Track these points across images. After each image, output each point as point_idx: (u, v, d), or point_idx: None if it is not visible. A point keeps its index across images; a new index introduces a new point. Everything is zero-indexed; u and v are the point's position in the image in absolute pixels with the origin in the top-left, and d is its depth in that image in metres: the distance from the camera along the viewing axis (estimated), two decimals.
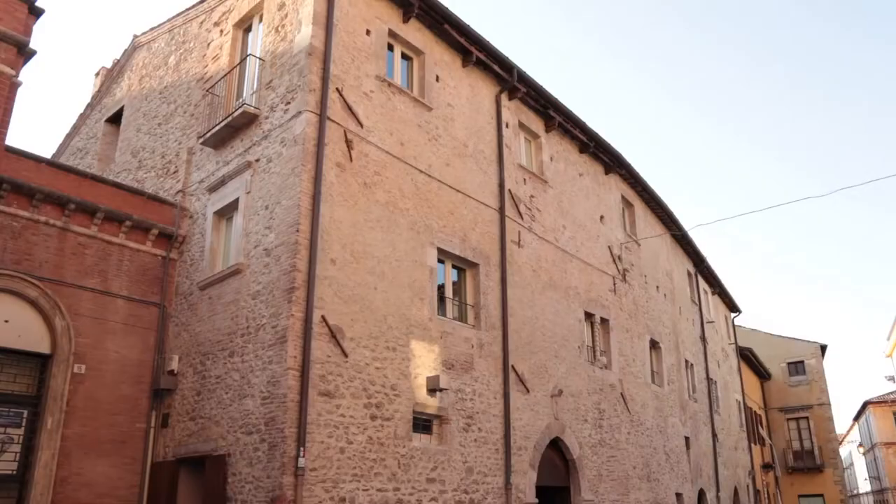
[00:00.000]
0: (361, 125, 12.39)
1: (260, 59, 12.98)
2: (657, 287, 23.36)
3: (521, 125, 17.23)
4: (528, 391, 14.94)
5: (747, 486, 32.07)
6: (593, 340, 18.49)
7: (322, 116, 11.60)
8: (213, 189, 13.18)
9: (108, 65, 19.04)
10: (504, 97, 16.51)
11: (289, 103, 11.86)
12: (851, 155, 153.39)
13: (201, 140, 13.45)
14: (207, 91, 13.90)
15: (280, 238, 11.18)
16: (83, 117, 19.21)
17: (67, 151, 19.29)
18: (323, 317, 10.84)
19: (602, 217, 20.01)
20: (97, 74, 19.46)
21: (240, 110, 12.50)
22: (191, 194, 13.97)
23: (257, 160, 12.25)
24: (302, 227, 10.90)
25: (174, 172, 14.66)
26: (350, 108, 12.21)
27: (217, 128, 12.97)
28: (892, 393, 64.36)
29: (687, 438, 23.54)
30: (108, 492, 12.01)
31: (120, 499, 12.16)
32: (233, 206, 12.69)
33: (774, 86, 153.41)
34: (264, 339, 10.90)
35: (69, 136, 19.47)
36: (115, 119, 17.94)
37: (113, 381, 12.48)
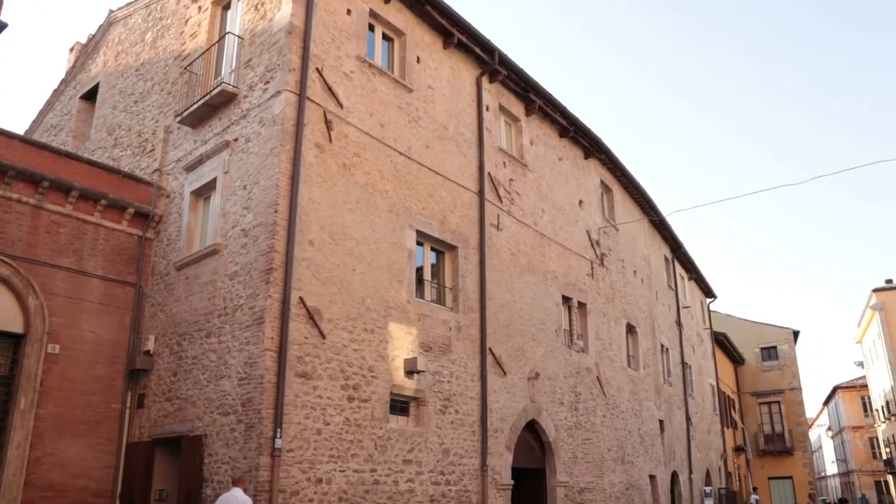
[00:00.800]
0: (341, 106, 12.31)
1: (239, 37, 12.82)
2: (634, 272, 23.54)
3: (502, 108, 17.21)
4: (505, 374, 15.03)
5: (719, 468, 32.61)
6: (570, 324, 18.62)
7: (301, 96, 11.50)
8: (190, 168, 13.05)
9: (83, 40, 18.71)
10: (485, 80, 16.46)
11: (268, 83, 11.74)
12: (832, 141, 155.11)
13: (179, 119, 13.29)
14: (185, 69, 13.72)
15: (258, 219, 11.11)
16: (57, 93, 18.88)
17: (41, 128, 18.96)
18: (301, 298, 10.81)
19: (581, 201, 20.09)
20: (71, 50, 19.11)
21: (218, 89, 12.36)
22: (168, 173, 13.81)
23: (235, 140, 12.13)
24: (280, 207, 10.84)
25: (151, 151, 14.48)
26: (330, 89, 12.12)
27: (195, 106, 12.82)
28: (860, 378, 65.64)
29: (661, 421, 23.85)
30: (82, 472, 11.94)
31: (94, 479, 12.09)
32: (210, 186, 12.57)
33: (757, 73, 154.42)
34: (241, 320, 10.86)
35: (43, 113, 19.13)
36: (91, 96, 17.65)
37: (88, 361, 12.37)
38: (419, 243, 13.69)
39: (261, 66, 12.04)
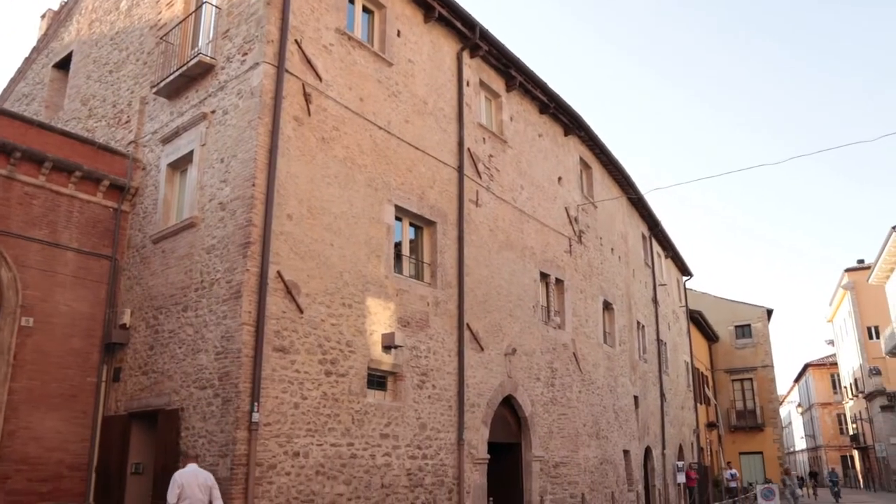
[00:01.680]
0: (320, 79, 12.19)
1: (216, 6, 12.61)
2: (612, 249, 23.70)
3: (482, 84, 17.14)
4: (482, 349, 15.12)
5: (692, 443, 33.16)
6: (548, 300, 18.73)
7: (280, 69, 11.37)
8: (166, 140, 12.88)
9: (55, 6, 18.30)
10: (465, 55, 16.36)
11: (246, 54, 11.59)
12: (815, 119, 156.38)
13: (154, 90, 13.09)
14: (161, 39, 13.49)
15: (235, 192, 11.01)
16: (29, 62, 18.48)
17: (12, 97, 18.58)
18: (278, 272, 10.77)
19: (560, 178, 20.13)
20: (43, 16, 18.67)
21: (195, 60, 12.17)
22: (144, 145, 13.63)
23: (213, 112, 11.98)
24: (258, 181, 10.75)
25: (126, 122, 14.26)
26: (309, 61, 11.99)
27: (171, 77, 12.63)
28: (830, 356, 66.89)
29: (636, 397, 24.16)
30: (57, 446, 11.88)
31: (70, 453, 12.04)
32: (187, 159, 12.43)
33: (739, 50, 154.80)
34: (219, 294, 10.80)
35: (14, 81, 18.74)
36: (64, 65, 17.30)
37: (63, 334, 12.26)
38: (398, 218, 13.67)
39: (239, 37, 11.87)
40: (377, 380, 12.51)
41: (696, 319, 39.36)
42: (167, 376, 11.50)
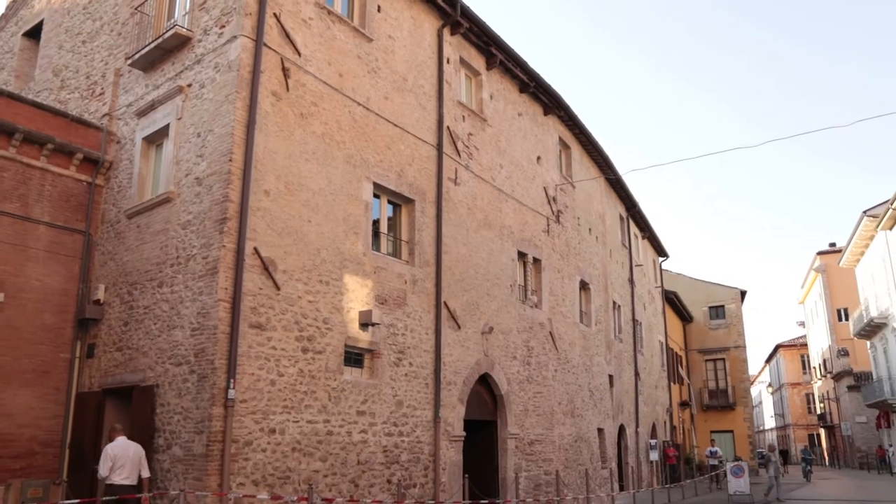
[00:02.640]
0: (299, 54, 12.03)
1: None
2: (589, 229, 23.81)
3: (463, 61, 17.03)
4: (459, 327, 15.17)
5: (665, 422, 33.64)
6: (525, 280, 18.81)
7: (258, 42, 11.20)
8: (142, 114, 12.67)
9: None
10: (446, 32, 16.23)
11: (223, 27, 11.40)
12: (797, 99, 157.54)
13: (129, 61, 12.85)
14: (136, 9, 13.23)
15: (212, 167, 10.88)
16: None
17: None
18: (255, 248, 10.69)
19: (539, 158, 20.13)
20: None
21: (171, 32, 11.95)
22: (118, 118, 13.40)
23: (189, 85, 11.79)
24: (235, 156, 10.63)
25: (100, 94, 14.00)
26: (288, 36, 11.82)
27: (146, 49, 12.40)
28: (801, 337, 68.08)
29: (611, 376, 24.42)
30: (30, 422, 11.77)
31: (43, 429, 11.94)
32: (163, 133, 12.24)
33: (720, 31, 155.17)
34: (195, 270, 10.71)
35: None
36: (34, 33, 16.89)
37: (35, 309, 12.10)
38: (376, 196, 13.60)
39: (216, 9, 11.66)
40: (354, 357, 12.51)
41: (672, 300, 39.78)
42: (142, 352, 11.41)
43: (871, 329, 40.45)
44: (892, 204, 31.95)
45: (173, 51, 12.27)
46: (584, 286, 22.77)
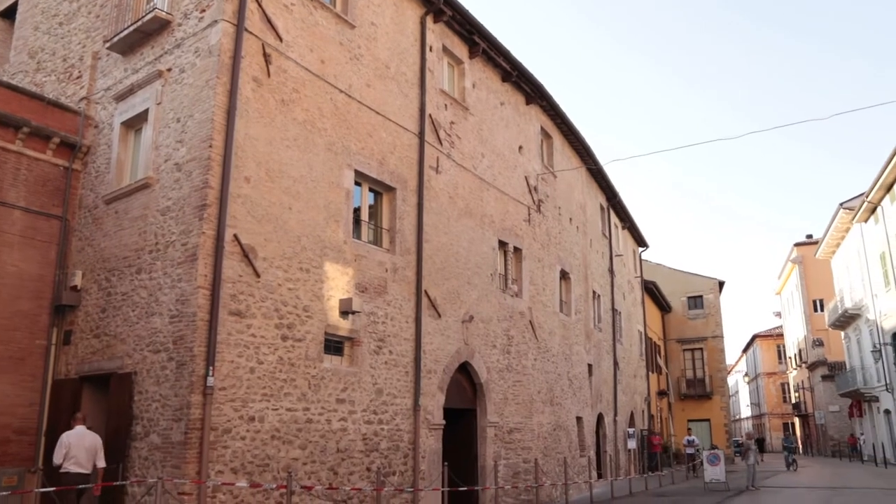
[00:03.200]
0: (281, 39, 11.92)
1: None
2: (570, 219, 23.89)
3: (445, 50, 16.97)
4: (439, 316, 15.18)
5: (643, 411, 33.96)
6: (506, 269, 18.85)
7: (239, 27, 11.09)
8: (120, 98, 12.50)
9: None
10: (429, 19, 16.16)
11: (204, 11, 11.26)
12: (781, 90, 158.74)
13: (108, 44, 12.67)
14: None
15: (192, 153, 10.78)
16: None
17: None
18: (235, 235, 10.62)
19: (521, 147, 20.14)
20: None
21: (150, 15, 11.79)
22: (96, 102, 13.22)
23: (169, 70, 11.65)
24: (215, 142, 10.54)
25: (77, 78, 13.80)
26: (269, 21, 11.71)
27: (125, 32, 12.23)
28: (777, 328, 68.93)
29: (590, 366, 24.59)
30: (5, 410, 11.63)
31: (18, 416, 11.81)
32: (142, 118, 12.09)
33: (706, 21, 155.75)
34: (174, 257, 10.62)
35: None
36: (9, 14, 16.59)
37: (10, 295, 11.94)
38: (357, 183, 13.55)
39: None
40: (334, 345, 12.49)
41: (651, 290, 40.08)
42: (120, 339, 11.32)
43: (846, 320, 41.03)
44: (867, 197, 32.34)
45: (153, 34, 12.11)
46: (564, 276, 22.87)
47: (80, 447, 10.02)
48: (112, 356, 11.36)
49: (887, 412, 35.54)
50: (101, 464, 10.16)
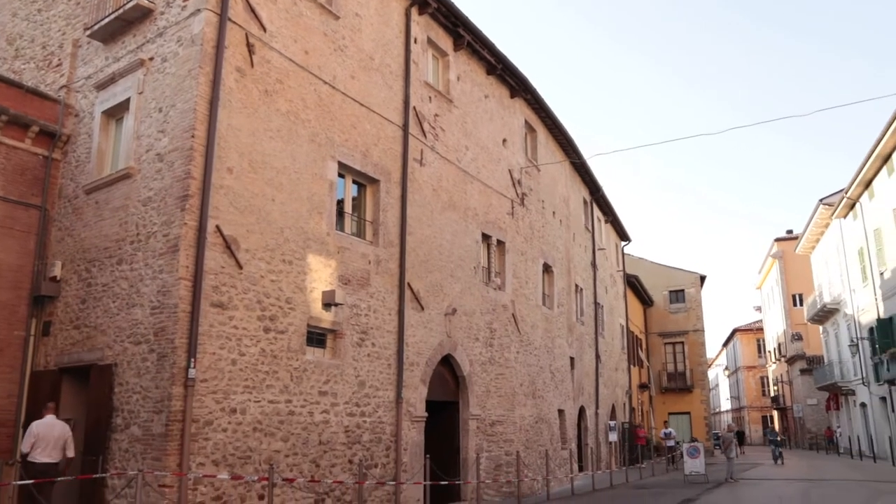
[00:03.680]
0: (264, 29, 11.84)
1: None
2: (553, 213, 23.95)
3: (430, 42, 16.92)
4: (422, 309, 15.19)
5: (624, 404, 34.19)
6: (489, 262, 18.88)
7: (223, 17, 10.99)
8: (101, 87, 12.37)
9: None
10: (414, 11, 16.10)
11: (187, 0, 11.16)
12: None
13: (88, 32, 12.52)
14: None
15: (174, 143, 10.69)
16: None
17: None
18: (217, 227, 10.55)
19: (505, 140, 20.15)
20: None
21: (132, 3, 11.66)
22: (76, 91, 13.06)
23: (151, 59, 11.54)
24: (198, 132, 10.45)
25: (57, 65, 13.63)
26: (253, 11, 11.62)
27: (106, 20, 12.09)
28: (757, 322, 69.56)
29: (572, 359, 24.71)
30: None
31: None
32: (123, 107, 11.97)
33: (694, 15, 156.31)
34: (155, 248, 10.54)
35: None
36: None
37: None
38: (341, 175, 13.50)
39: None
40: (317, 337, 12.46)
41: (633, 284, 40.31)
42: (100, 331, 11.22)
43: (824, 314, 41.48)
44: (846, 193, 32.67)
45: (134, 23, 11.99)
46: (547, 269, 22.94)
47: (48, 437, 10.09)
48: (92, 347, 11.26)
49: (863, 405, 36.03)
50: (70, 454, 10.27)
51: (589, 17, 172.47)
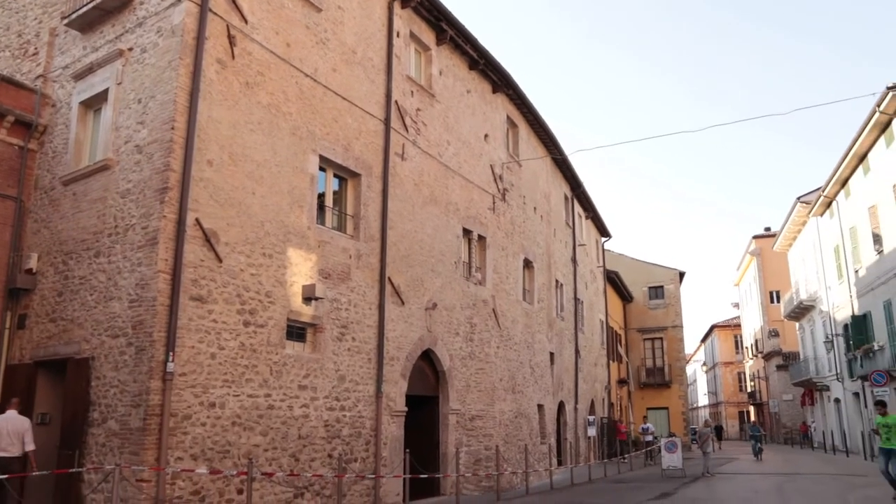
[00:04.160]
0: (246, 21, 11.75)
1: None
2: (535, 208, 24.02)
3: (413, 36, 16.88)
4: (403, 303, 15.18)
5: (603, 399, 34.41)
6: (469, 257, 18.90)
7: (203, 7, 10.89)
8: (79, 77, 12.22)
9: None
10: (397, 5, 16.05)
11: None
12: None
13: (66, 21, 12.35)
14: None
15: (153, 135, 10.59)
16: None
17: None
18: (197, 219, 10.47)
19: (486, 136, 20.16)
20: None
21: None
22: (53, 80, 12.89)
23: (130, 49, 11.41)
24: (177, 124, 10.36)
25: (34, 55, 13.44)
26: (234, 2, 11.52)
27: (84, 9, 11.93)
28: (735, 318, 70.25)
29: (552, 354, 24.82)
30: None
31: None
32: (101, 97, 11.83)
33: (679, 12, 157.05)
34: (134, 240, 10.44)
35: None
36: None
37: None
38: (322, 169, 13.45)
39: None
40: (296, 331, 12.42)
41: (613, 280, 40.53)
42: (77, 324, 11.11)
43: (801, 311, 41.95)
44: (823, 191, 33.03)
45: (113, 12, 11.84)
46: (527, 264, 23.01)
47: (2, 431, 10.06)
48: (69, 341, 11.14)
49: (837, 401, 36.51)
50: (30, 447, 10.23)
51: (572, 13, 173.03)
